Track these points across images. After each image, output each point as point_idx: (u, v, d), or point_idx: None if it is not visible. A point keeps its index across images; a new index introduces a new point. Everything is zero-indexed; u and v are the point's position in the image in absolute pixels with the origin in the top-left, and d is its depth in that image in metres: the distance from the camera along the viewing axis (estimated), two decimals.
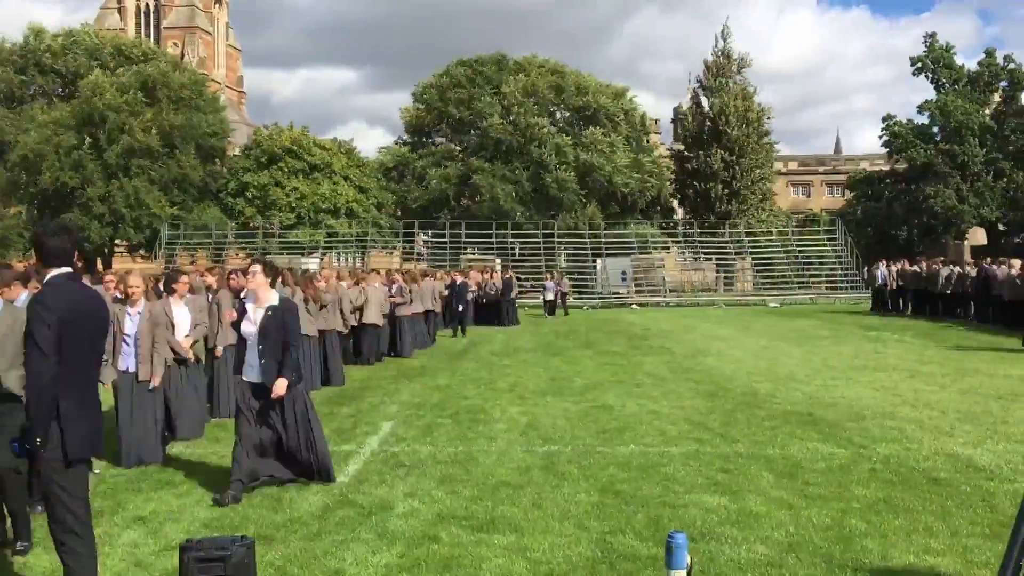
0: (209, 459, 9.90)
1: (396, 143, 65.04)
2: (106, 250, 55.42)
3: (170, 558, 6.17)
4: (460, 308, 27.57)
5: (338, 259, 53.32)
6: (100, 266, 49.53)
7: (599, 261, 49.17)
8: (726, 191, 56.83)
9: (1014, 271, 26.82)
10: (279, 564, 6.28)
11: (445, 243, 52.30)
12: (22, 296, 7.44)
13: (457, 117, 60.31)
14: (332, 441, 10.70)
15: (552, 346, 23.20)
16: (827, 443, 10.34)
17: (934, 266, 33.44)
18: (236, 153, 63.41)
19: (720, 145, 57.16)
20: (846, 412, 12.35)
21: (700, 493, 8.12)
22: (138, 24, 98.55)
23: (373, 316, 19.10)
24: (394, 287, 21.60)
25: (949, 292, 31.30)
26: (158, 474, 9.20)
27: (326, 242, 51.96)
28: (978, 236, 60.95)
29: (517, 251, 52.60)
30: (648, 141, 66.24)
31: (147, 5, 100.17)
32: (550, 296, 37.16)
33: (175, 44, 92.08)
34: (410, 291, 22.28)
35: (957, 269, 31.96)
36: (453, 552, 6.53)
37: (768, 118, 59.92)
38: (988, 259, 31.30)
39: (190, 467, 9.49)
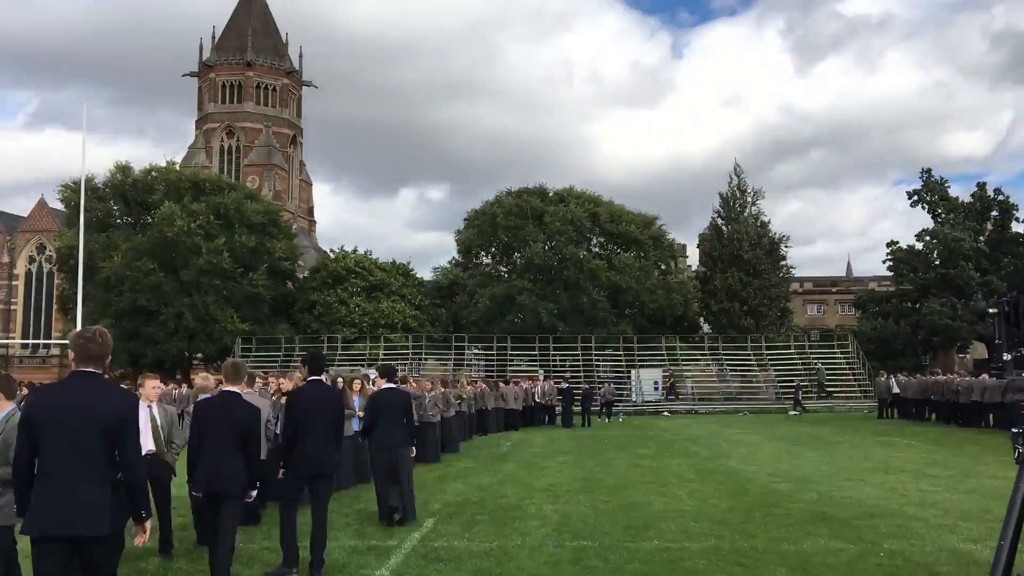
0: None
1: (449, 263, 65.98)
2: (184, 364, 56.05)
3: None
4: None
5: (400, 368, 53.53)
6: (179, 376, 49.93)
7: (633, 372, 48.90)
8: (744, 308, 57.04)
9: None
10: None
11: (493, 355, 52.39)
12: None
13: (504, 241, 61.19)
14: (377, 537, 10.61)
15: (588, 449, 22.95)
16: (838, 539, 10.09)
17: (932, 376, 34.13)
18: (306, 274, 64.33)
19: (737, 267, 57.68)
20: (856, 511, 12.07)
21: None
22: (222, 161, 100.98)
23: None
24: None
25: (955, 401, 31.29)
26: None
27: (384, 354, 52.11)
28: (979, 350, 60.51)
29: (558, 361, 52.48)
30: (676, 264, 66.68)
31: (230, 146, 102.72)
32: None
33: (253, 179, 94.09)
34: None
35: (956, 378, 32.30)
36: None
37: (786, 246, 60.73)
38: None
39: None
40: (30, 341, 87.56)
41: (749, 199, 60.91)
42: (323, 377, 9.69)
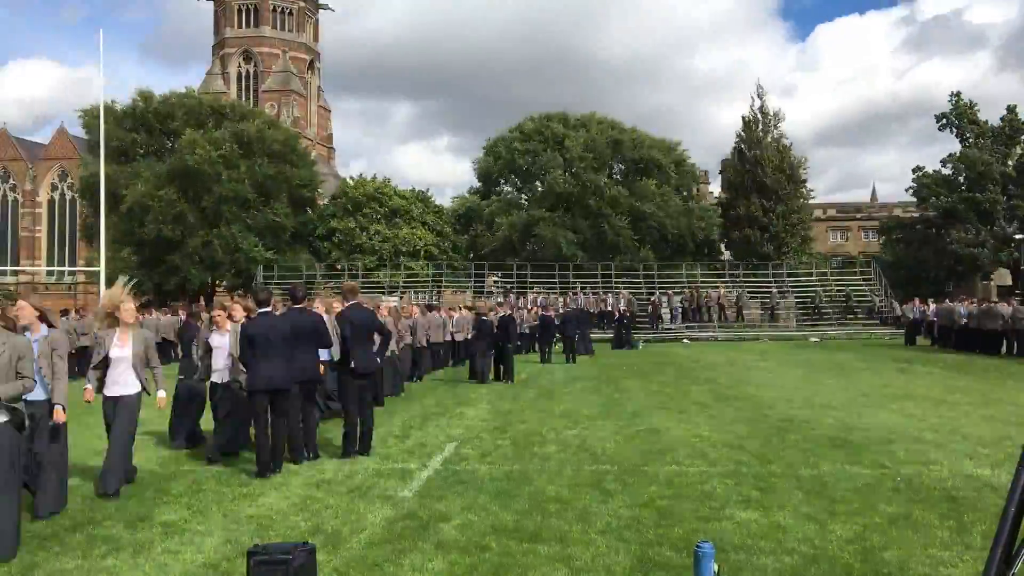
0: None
1: (468, 192, 65.85)
2: (208, 291, 56.41)
3: (239, 562, 6.21)
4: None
5: (415, 297, 53.64)
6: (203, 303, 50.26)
7: (655, 296, 48.78)
8: (765, 235, 56.83)
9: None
10: (341, 569, 6.29)
11: (513, 283, 52.41)
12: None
13: (524, 169, 60.92)
14: (401, 459, 10.79)
15: (606, 376, 23.07)
16: (855, 464, 10.16)
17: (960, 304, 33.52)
18: (325, 202, 64.34)
19: (759, 193, 57.29)
20: (875, 436, 12.13)
21: (734, 509, 8.01)
22: (239, 88, 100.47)
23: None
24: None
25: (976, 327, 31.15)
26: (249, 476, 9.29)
27: (405, 282, 52.25)
28: (1003, 277, 60.16)
29: (579, 290, 52.47)
30: (698, 190, 66.37)
31: (248, 71, 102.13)
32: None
33: (272, 105, 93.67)
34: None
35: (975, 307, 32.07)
36: (502, 560, 6.49)
37: (804, 169, 60.19)
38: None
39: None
40: (55, 268, 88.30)
41: (771, 122, 60.21)
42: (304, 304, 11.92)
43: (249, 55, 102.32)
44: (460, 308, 28.28)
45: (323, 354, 11.86)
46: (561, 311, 34.97)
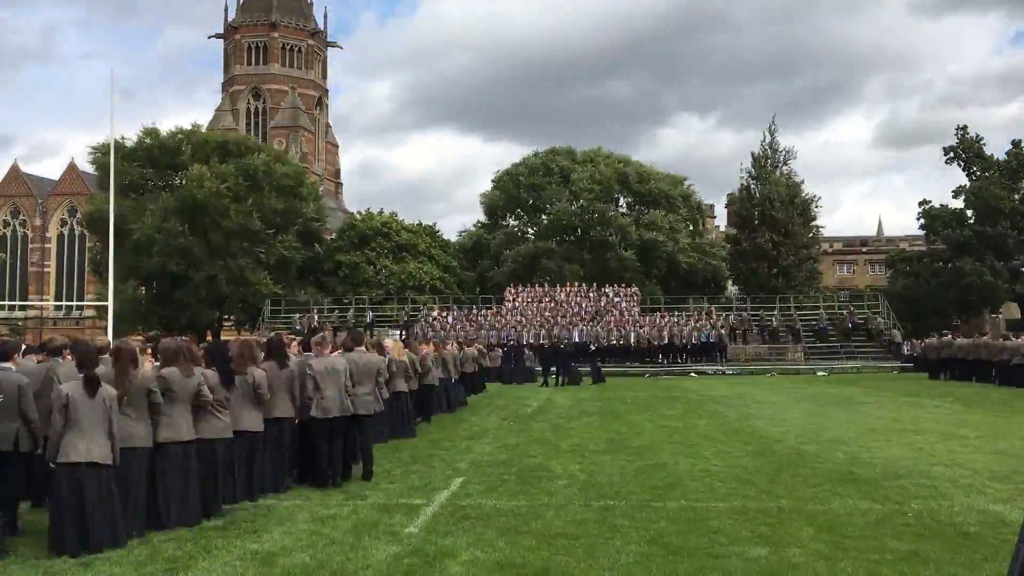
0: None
1: (474, 226, 66.15)
2: (215, 326, 56.43)
3: None
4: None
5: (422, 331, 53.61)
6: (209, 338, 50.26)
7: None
8: (774, 269, 56.77)
9: None
10: None
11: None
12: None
13: (530, 203, 61.38)
14: (406, 494, 10.70)
15: (613, 410, 22.94)
16: (865, 499, 10.07)
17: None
18: (332, 236, 64.54)
19: (768, 228, 57.28)
20: (884, 471, 12.03)
21: (743, 545, 7.92)
22: (248, 124, 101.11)
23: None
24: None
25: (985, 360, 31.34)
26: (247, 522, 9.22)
27: (411, 316, 52.20)
28: (1012, 310, 60.06)
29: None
30: (704, 225, 66.65)
31: (257, 108, 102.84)
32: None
33: (280, 141, 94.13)
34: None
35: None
36: None
37: (816, 206, 60.35)
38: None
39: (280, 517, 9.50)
40: (63, 303, 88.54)
41: (780, 158, 60.43)
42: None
43: (258, 92, 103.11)
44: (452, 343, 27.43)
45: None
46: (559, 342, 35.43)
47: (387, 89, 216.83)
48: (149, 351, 10.12)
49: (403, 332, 42.57)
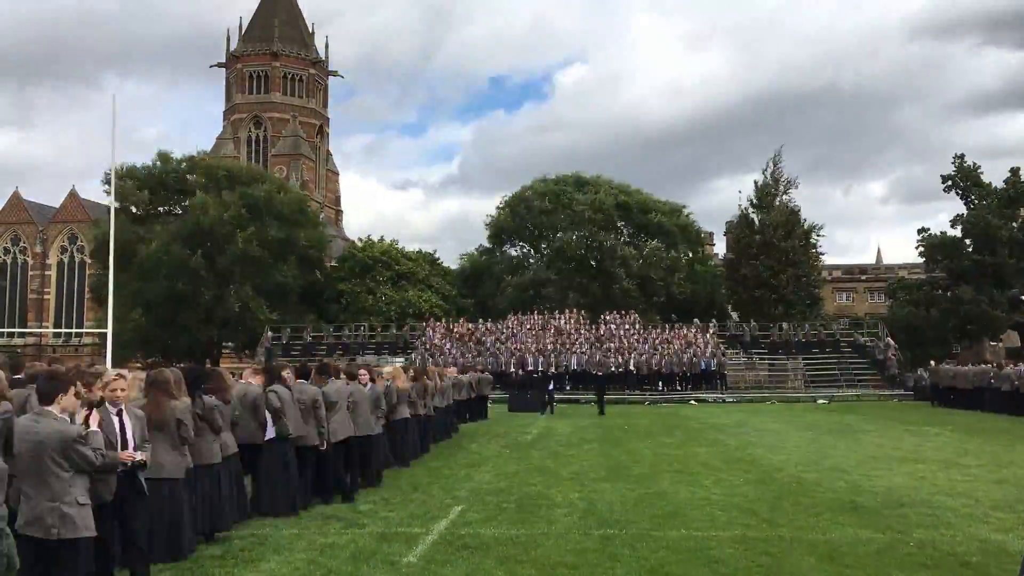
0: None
1: (476, 250, 66.25)
2: (215, 351, 56.39)
3: None
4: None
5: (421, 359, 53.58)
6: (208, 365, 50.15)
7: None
8: (774, 297, 56.70)
9: None
10: None
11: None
12: None
13: (534, 230, 61.72)
14: (405, 523, 10.62)
15: (613, 437, 22.85)
16: (866, 529, 10.02)
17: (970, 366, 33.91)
18: (333, 264, 64.65)
19: (768, 256, 57.27)
20: (885, 500, 11.98)
21: (744, 575, 7.86)
22: (249, 152, 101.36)
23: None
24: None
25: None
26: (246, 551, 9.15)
27: (411, 343, 52.09)
28: (1012, 338, 59.99)
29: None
30: (703, 252, 66.83)
31: (258, 136, 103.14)
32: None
33: (280, 169, 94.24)
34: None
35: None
36: None
37: (818, 235, 60.47)
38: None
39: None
40: (63, 330, 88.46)
41: (782, 187, 60.55)
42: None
43: (259, 120, 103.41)
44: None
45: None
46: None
47: None
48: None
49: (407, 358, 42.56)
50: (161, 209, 57.22)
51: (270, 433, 11.27)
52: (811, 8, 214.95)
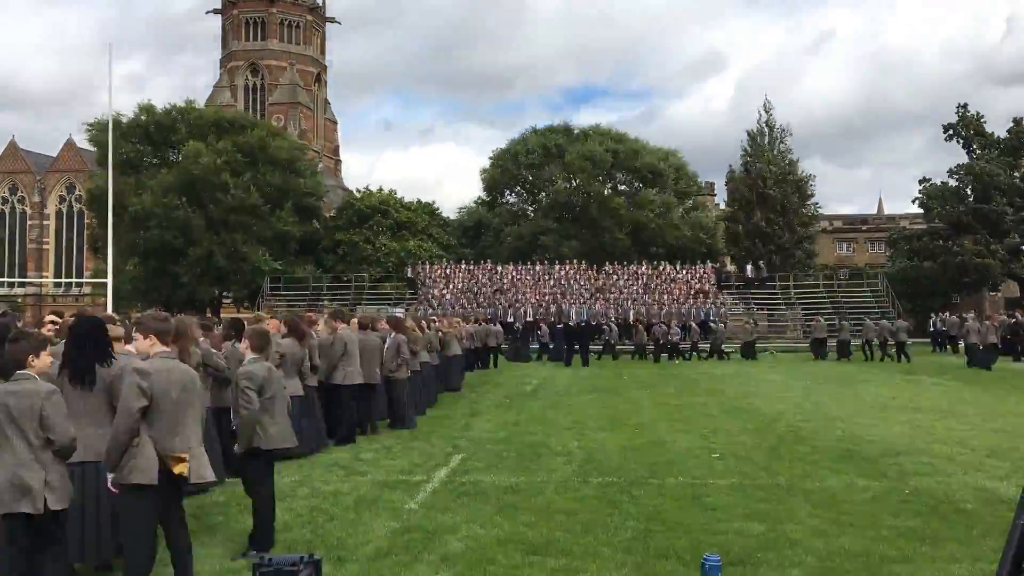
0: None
1: (474, 203, 66.15)
2: (214, 302, 56.42)
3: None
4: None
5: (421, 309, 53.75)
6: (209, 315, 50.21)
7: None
8: (771, 247, 56.67)
9: None
10: None
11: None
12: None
13: (529, 180, 61.53)
14: (406, 472, 10.73)
15: (613, 387, 22.99)
16: (863, 477, 10.12)
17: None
18: (332, 214, 64.50)
19: (764, 206, 57.17)
20: (882, 448, 12.09)
21: (741, 521, 7.97)
22: (247, 100, 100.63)
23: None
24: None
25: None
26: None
27: (411, 294, 52.13)
28: (1011, 289, 59.98)
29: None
30: (699, 199, 66.65)
31: (255, 84, 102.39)
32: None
33: (278, 118, 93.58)
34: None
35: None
36: (508, 572, 6.47)
37: (812, 184, 60.31)
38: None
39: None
40: (62, 280, 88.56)
41: (777, 136, 60.27)
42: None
43: (256, 68, 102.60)
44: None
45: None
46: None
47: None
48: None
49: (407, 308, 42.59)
50: (147, 160, 56.56)
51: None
52: None
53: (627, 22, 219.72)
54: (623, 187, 61.57)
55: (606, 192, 58.67)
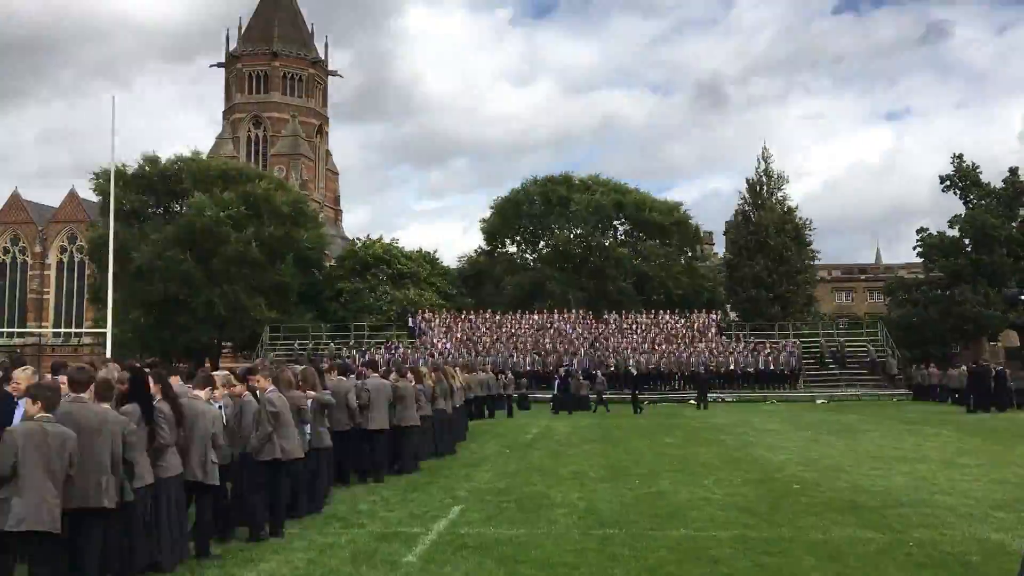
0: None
1: (474, 252, 66.29)
2: (214, 351, 56.33)
3: None
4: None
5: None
6: (208, 364, 50.06)
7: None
8: (770, 295, 56.59)
9: None
10: None
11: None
12: None
13: (529, 229, 61.85)
14: (405, 523, 10.60)
15: (613, 437, 22.84)
16: (866, 528, 10.01)
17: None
18: (332, 263, 64.65)
19: (763, 254, 57.18)
20: (885, 499, 11.97)
21: (744, 575, 7.85)
22: (249, 152, 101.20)
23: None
24: None
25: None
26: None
27: (410, 342, 51.96)
28: (1012, 338, 59.88)
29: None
30: (701, 250, 66.89)
31: (257, 136, 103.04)
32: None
33: (280, 169, 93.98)
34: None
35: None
36: None
37: (810, 231, 60.34)
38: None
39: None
40: (62, 329, 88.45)
41: (775, 184, 60.46)
42: None
43: (259, 120, 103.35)
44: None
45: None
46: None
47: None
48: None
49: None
50: (151, 210, 56.76)
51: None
52: None
53: None
54: (624, 237, 61.92)
55: (608, 243, 58.96)
